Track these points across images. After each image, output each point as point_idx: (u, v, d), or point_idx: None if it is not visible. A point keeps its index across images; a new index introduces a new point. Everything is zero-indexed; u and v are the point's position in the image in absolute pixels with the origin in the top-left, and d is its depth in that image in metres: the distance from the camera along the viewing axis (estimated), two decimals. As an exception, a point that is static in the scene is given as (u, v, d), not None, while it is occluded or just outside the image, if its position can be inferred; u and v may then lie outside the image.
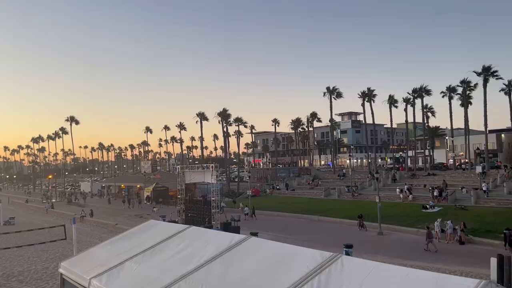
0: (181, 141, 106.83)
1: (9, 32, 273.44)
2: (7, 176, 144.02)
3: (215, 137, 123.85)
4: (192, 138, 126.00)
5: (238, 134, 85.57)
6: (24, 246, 23.48)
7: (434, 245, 23.70)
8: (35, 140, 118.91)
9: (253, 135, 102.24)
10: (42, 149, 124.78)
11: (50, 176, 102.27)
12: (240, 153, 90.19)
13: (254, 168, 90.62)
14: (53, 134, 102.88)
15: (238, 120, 77.77)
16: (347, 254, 15.67)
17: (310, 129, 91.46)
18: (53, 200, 63.24)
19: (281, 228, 31.13)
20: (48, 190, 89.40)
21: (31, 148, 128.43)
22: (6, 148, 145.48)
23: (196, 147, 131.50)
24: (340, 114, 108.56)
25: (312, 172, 71.36)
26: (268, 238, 7.73)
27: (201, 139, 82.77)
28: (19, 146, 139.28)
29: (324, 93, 70.49)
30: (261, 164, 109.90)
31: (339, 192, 48.58)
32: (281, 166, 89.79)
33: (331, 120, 77.04)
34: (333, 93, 70.51)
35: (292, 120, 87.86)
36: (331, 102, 70.40)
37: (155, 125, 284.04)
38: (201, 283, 5.87)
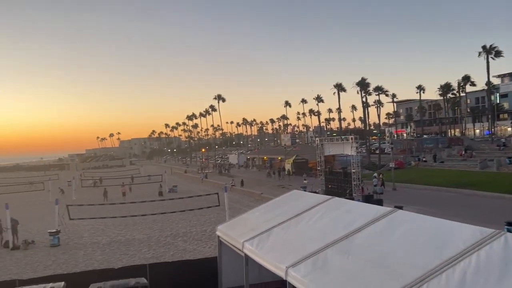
0: (319, 114, 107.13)
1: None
2: (169, 150, 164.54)
3: (353, 108, 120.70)
4: (330, 110, 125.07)
5: (378, 103, 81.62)
6: (186, 211, 26.82)
7: None
8: (190, 117, 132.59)
9: (394, 104, 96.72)
10: (195, 126, 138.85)
11: (203, 150, 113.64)
12: (381, 123, 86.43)
13: (397, 139, 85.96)
14: (204, 111, 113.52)
15: (378, 89, 74.05)
16: (510, 232, 14.01)
17: (462, 94, 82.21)
18: (207, 171, 70.16)
19: (428, 203, 29.17)
20: (202, 162, 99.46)
21: (187, 125, 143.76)
22: (167, 125, 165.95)
23: (333, 119, 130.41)
24: (499, 76, 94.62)
25: (464, 142, 64.47)
26: (413, 212, 7.38)
27: (339, 110, 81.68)
28: (177, 123, 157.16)
29: (480, 53, 62.11)
30: (405, 134, 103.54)
31: (499, 164, 42.98)
32: (427, 136, 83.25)
33: (489, 83, 67.71)
34: (491, 52, 61.67)
35: (440, 86, 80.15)
36: (488, 62, 61.80)
37: (293, 99, 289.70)
38: (346, 252, 5.97)
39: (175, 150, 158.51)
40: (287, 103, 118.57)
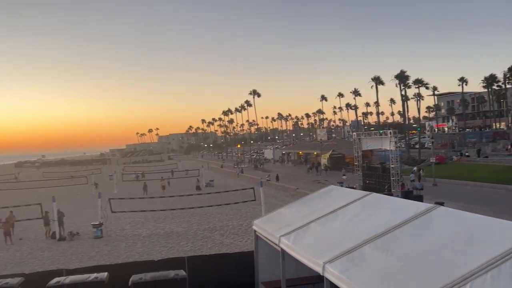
0: (356, 108, 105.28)
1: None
2: (205, 145, 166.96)
3: (392, 101, 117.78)
4: (367, 104, 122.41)
5: (418, 96, 79.25)
6: (223, 205, 27.18)
7: None
8: (225, 113, 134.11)
9: (435, 97, 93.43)
10: (231, 121, 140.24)
11: (238, 145, 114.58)
12: (421, 117, 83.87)
13: (438, 133, 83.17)
14: (239, 107, 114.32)
15: (418, 82, 71.88)
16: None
17: (508, 86, 78.37)
18: (243, 166, 70.68)
19: (471, 199, 28.08)
20: (238, 157, 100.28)
21: (223, 120, 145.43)
22: (203, 121, 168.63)
23: (371, 113, 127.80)
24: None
25: (511, 136, 61.53)
26: (455, 209, 7.14)
27: (377, 104, 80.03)
28: (213, 119, 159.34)
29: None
30: (446, 128, 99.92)
31: (549, 159, 40.80)
32: (470, 130, 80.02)
33: (537, 73, 64.29)
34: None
35: (485, 77, 76.85)
36: (537, 52, 58.60)
37: (329, 93, 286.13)
38: (385, 249, 5.87)
39: (211, 145, 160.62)
40: (323, 97, 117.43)
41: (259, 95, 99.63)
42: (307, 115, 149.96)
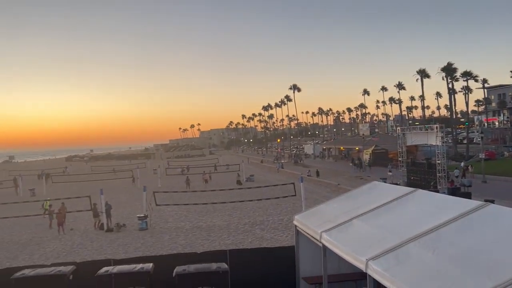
0: (400, 102, 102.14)
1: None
2: (245, 140, 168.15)
3: (438, 95, 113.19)
4: (412, 98, 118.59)
5: (467, 90, 75.62)
6: (263, 200, 27.31)
7: None
8: (265, 108, 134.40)
9: (485, 90, 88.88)
10: (271, 116, 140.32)
11: (278, 140, 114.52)
12: (469, 111, 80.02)
13: (487, 128, 79.22)
14: (279, 102, 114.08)
15: (467, 74, 68.52)
16: None
17: None
18: (283, 161, 70.55)
19: (525, 197, 26.59)
20: (278, 152, 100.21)
21: (262, 115, 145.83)
22: (243, 116, 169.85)
23: (416, 107, 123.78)
24: None
25: None
26: (507, 207, 6.79)
27: (422, 98, 77.10)
28: (253, 114, 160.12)
29: None
30: (496, 123, 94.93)
31: None
32: (524, 125, 75.59)
33: None
34: None
35: (540, 69, 72.07)
36: None
37: (372, 87, 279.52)
38: (431, 248, 5.70)
39: (251, 140, 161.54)
40: (366, 91, 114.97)
41: (299, 90, 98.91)
42: (349, 110, 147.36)
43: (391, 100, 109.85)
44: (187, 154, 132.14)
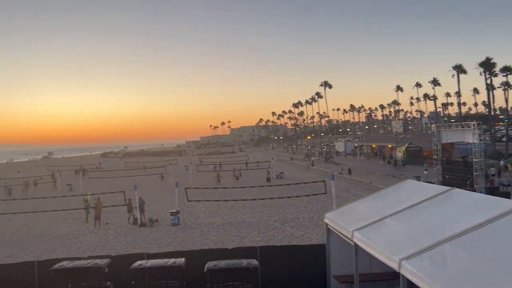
0: (435, 98, 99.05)
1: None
2: (275, 138, 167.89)
3: (475, 91, 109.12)
4: (447, 94, 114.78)
5: (506, 85, 72.57)
6: (293, 197, 27.22)
7: None
8: (295, 105, 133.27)
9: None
10: (301, 113, 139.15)
11: (308, 137, 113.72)
12: (509, 108, 76.69)
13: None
14: (310, 99, 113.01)
15: (506, 69, 65.56)
16: None
17: None
18: (313, 159, 70.02)
19: None
20: (308, 149, 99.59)
21: (293, 112, 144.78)
22: (273, 113, 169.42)
23: (451, 104, 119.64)
24: None
25: None
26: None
27: (458, 94, 74.60)
28: (283, 111, 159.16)
29: None
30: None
31: None
32: None
33: None
34: None
35: None
36: None
37: (405, 83, 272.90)
38: (468, 248, 5.53)
39: (281, 137, 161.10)
40: (399, 88, 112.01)
41: (330, 87, 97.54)
42: (381, 107, 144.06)
43: (426, 96, 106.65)
44: (218, 151, 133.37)
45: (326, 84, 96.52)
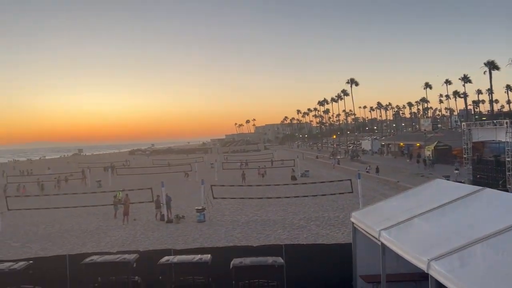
0: (465, 96, 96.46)
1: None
2: (300, 136, 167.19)
3: (508, 88, 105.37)
4: (478, 92, 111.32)
5: (543, 82, 70.00)
6: (318, 196, 27.07)
7: None
8: (321, 103, 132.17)
9: None
10: (326, 111, 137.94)
11: (334, 136, 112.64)
12: (545, 105, 73.82)
13: None
14: (335, 96, 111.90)
15: (542, 65, 63.38)
16: None
17: None
18: (338, 157, 69.31)
19: None
20: (334, 147, 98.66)
21: (318, 110, 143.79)
22: (298, 111, 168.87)
23: (483, 102, 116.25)
24: None
25: None
26: None
27: (490, 91, 72.47)
28: (308, 109, 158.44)
29: None
30: None
31: None
32: None
33: None
34: None
35: None
36: None
37: (434, 80, 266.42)
38: (500, 250, 5.37)
39: (306, 135, 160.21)
40: (427, 85, 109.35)
41: (357, 84, 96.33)
42: (409, 104, 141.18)
43: (456, 94, 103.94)
44: (243, 149, 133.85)
45: (352, 82, 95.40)
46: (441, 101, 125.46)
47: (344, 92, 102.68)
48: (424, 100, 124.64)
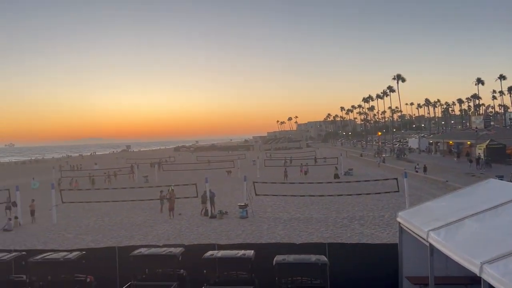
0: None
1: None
2: (344, 133, 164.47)
3: None
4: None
5: None
6: (363, 194, 26.54)
7: None
8: (366, 99, 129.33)
9: None
10: (371, 108, 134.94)
11: (379, 133, 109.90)
12: None
13: None
14: (381, 93, 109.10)
15: None
16: None
17: None
18: (384, 155, 67.55)
19: None
20: (379, 145, 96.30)
21: (362, 107, 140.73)
22: (342, 108, 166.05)
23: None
24: None
25: None
26: None
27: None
28: (353, 106, 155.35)
29: None
30: None
31: None
32: None
33: None
34: None
35: None
36: None
37: (486, 75, 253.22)
38: (561, 255, 5.05)
39: (350, 133, 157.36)
40: (479, 81, 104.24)
41: (403, 80, 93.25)
42: (459, 101, 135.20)
43: (510, 90, 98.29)
44: (285, 147, 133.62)
45: (399, 78, 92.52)
46: (494, 98, 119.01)
47: (390, 89, 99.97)
48: (475, 96, 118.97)
